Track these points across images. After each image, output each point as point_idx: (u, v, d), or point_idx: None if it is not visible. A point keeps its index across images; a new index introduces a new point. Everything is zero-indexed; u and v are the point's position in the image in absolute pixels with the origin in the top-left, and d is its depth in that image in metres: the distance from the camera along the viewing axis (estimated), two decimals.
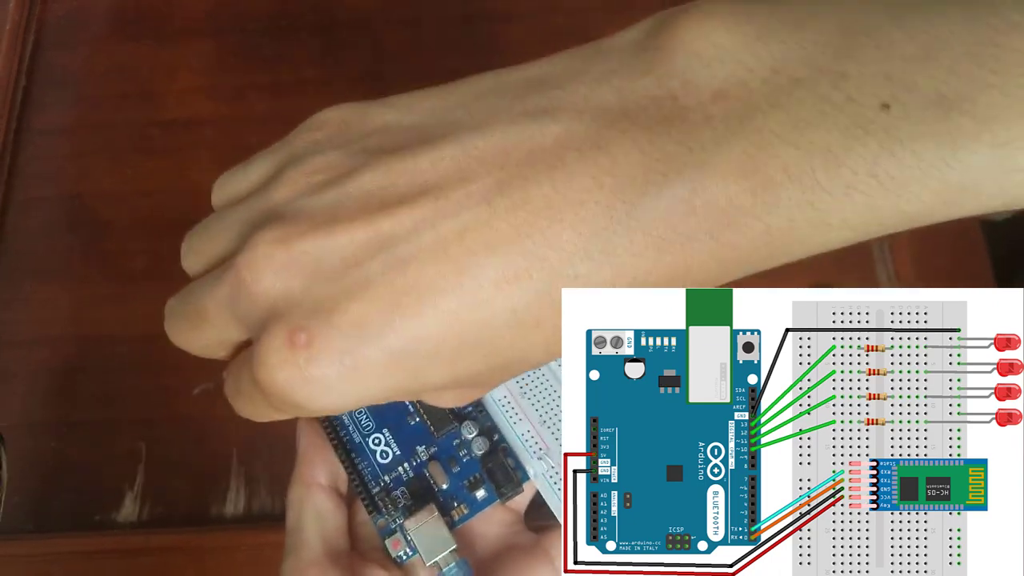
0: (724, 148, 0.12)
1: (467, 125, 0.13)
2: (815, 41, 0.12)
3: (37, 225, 0.33)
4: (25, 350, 0.31)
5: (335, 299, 0.13)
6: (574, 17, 0.35)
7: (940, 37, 0.12)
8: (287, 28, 0.35)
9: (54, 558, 0.28)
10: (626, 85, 0.13)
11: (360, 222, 0.13)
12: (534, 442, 0.19)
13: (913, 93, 0.11)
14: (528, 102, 0.13)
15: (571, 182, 0.12)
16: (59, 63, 0.35)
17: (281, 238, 0.13)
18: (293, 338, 0.13)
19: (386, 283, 0.13)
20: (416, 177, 0.13)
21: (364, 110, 0.15)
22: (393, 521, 0.19)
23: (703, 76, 0.12)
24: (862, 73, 0.12)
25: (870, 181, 0.12)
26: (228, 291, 0.14)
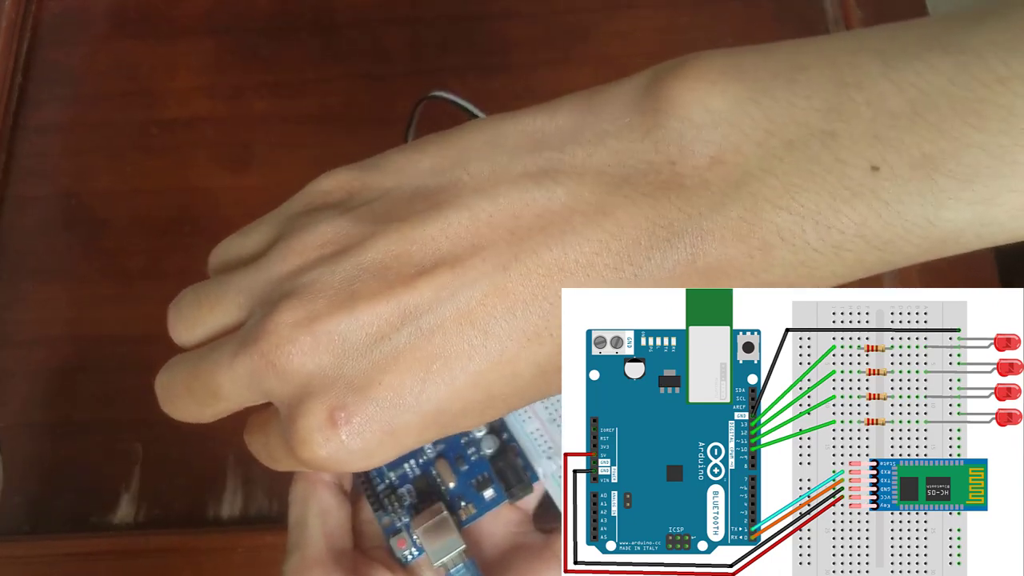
0: (721, 214, 0.13)
1: (471, 187, 0.14)
2: (807, 96, 0.13)
3: (34, 224, 0.33)
4: (22, 350, 0.31)
5: (367, 373, 0.13)
6: (574, 16, 0.35)
7: (927, 92, 0.12)
8: (287, 28, 0.35)
9: (51, 559, 0.28)
10: (623, 148, 0.13)
11: (381, 296, 0.13)
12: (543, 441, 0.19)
13: (900, 154, 0.12)
14: (528, 162, 0.14)
15: (581, 247, 0.13)
16: (56, 60, 0.35)
17: (304, 319, 0.14)
18: (333, 417, 0.13)
19: (415, 352, 0.13)
20: (428, 245, 0.14)
21: (362, 176, 0.15)
22: (398, 519, 0.19)
23: (698, 142, 0.13)
24: (852, 133, 0.12)
25: (857, 241, 0.12)
26: (250, 370, 0.14)
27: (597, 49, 0.34)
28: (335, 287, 0.14)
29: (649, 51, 0.34)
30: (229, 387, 0.14)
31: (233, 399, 0.15)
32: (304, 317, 0.13)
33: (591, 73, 0.34)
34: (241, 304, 0.15)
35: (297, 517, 0.19)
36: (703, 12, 0.35)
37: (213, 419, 0.16)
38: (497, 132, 0.14)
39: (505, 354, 0.13)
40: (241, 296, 0.15)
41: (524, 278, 0.13)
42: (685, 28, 0.35)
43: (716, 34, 0.35)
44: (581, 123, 0.14)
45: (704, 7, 0.35)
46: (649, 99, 0.13)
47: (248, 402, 0.15)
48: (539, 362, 0.13)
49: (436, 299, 0.13)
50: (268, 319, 0.14)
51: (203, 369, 0.15)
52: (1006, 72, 0.12)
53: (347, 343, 0.13)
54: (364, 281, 0.14)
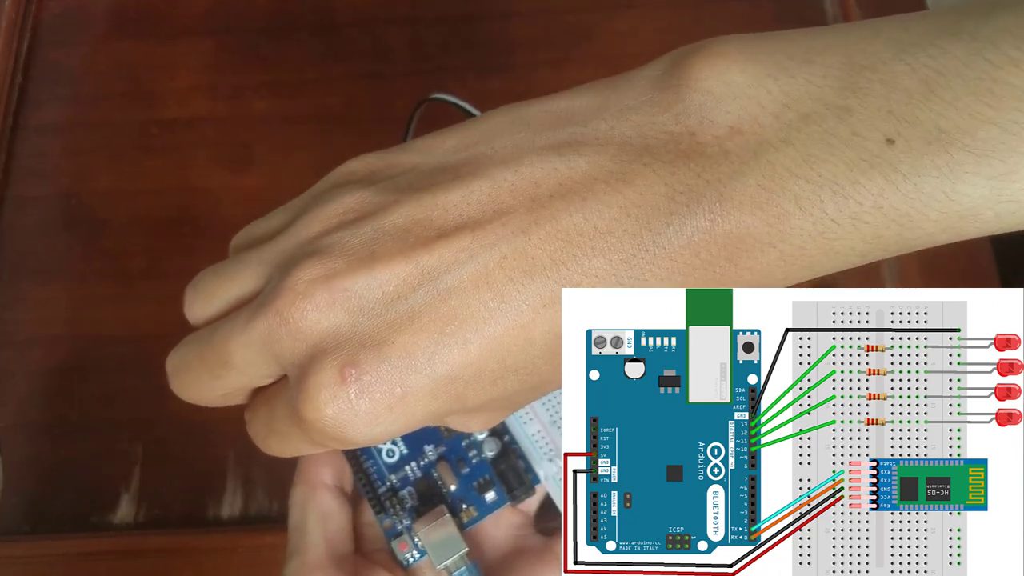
0: (740, 181, 0.13)
1: (494, 160, 0.14)
2: (823, 75, 0.13)
3: (34, 224, 0.33)
4: (22, 350, 0.31)
5: (382, 332, 0.13)
6: (574, 16, 0.35)
7: (941, 72, 0.12)
8: (287, 27, 0.35)
9: (51, 560, 0.28)
10: (645, 121, 0.14)
11: (400, 257, 0.13)
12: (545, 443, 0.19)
13: (915, 128, 0.12)
14: (551, 136, 0.14)
15: (601, 213, 0.13)
16: (56, 60, 0.35)
17: (322, 276, 0.13)
18: (344, 373, 0.13)
19: (431, 314, 0.13)
20: (449, 211, 0.14)
21: (386, 156, 0.15)
22: (400, 522, 0.19)
23: (718, 113, 0.13)
24: (866, 108, 0.12)
25: (875, 212, 0.12)
26: (263, 331, 0.14)
27: (598, 49, 0.34)
28: (354, 248, 0.14)
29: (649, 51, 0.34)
30: (241, 353, 0.14)
31: (245, 368, 0.14)
32: (322, 275, 0.13)
33: (591, 73, 0.34)
34: (260, 273, 0.15)
35: (297, 521, 0.19)
36: (704, 12, 0.35)
37: (221, 400, 0.15)
38: (521, 113, 0.15)
39: (520, 318, 0.13)
40: (261, 266, 0.15)
41: (543, 242, 0.13)
42: (686, 28, 0.35)
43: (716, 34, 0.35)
44: (604, 102, 0.14)
45: (705, 7, 0.35)
46: (670, 77, 0.14)
47: (258, 373, 0.14)
48: (554, 330, 0.13)
49: (454, 261, 0.13)
50: (285, 278, 0.14)
51: (217, 337, 0.14)
52: (1019, 55, 0.12)
53: (363, 301, 0.13)
54: (383, 243, 0.14)
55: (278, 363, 0.14)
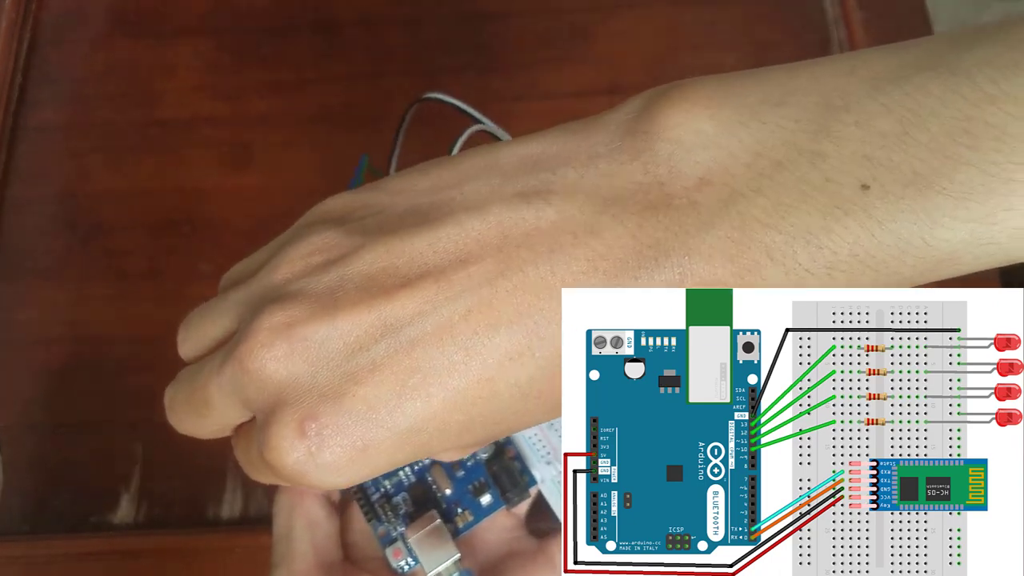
0: (709, 233, 0.13)
1: (462, 206, 0.14)
2: (796, 119, 0.13)
3: (34, 224, 0.33)
4: (21, 350, 0.31)
5: (342, 384, 0.13)
6: (574, 16, 0.35)
7: (917, 111, 0.12)
8: (287, 27, 0.35)
9: (50, 560, 0.28)
10: (614, 170, 0.13)
11: (362, 306, 0.13)
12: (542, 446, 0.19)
13: (891, 172, 0.12)
14: (520, 183, 0.14)
15: (568, 265, 0.13)
16: (56, 61, 0.35)
17: (282, 323, 0.13)
18: (303, 427, 0.13)
19: (392, 366, 0.13)
20: (415, 258, 0.14)
21: (361, 195, 0.15)
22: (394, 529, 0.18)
23: (687, 163, 0.13)
24: (841, 153, 0.12)
25: (851, 261, 0.12)
26: (230, 377, 0.14)
27: (597, 49, 0.34)
28: (317, 295, 0.14)
29: (649, 51, 0.34)
30: (217, 397, 0.14)
31: (221, 411, 0.14)
32: (282, 323, 0.13)
33: (591, 73, 0.34)
34: (235, 314, 0.15)
35: (282, 529, 0.18)
36: (703, 12, 0.35)
37: (212, 435, 0.16)
38: (495, 157, 0.15)
39: (485, 372, 0.13)
40: (236, 307, 0.15)
41: (509, 295, 0.13)
42: (685, 28, 0.35)
43: (716, 34, 0.35)
44: (575, 147, 0.14)
45: (704, 7, 0.35)
46: (640, 123, 0.13)
47: (235, 414, 0.15)
48: (519, 383, 0.13)
49: (418, 312, 0.13)
50: (248, 325, 0.14)
51: (198, 379, 0.15)
52: (996, 91, 0.11)
53: (323, 351, 0.13)
54: (347, 291, 0.13)
55: (247, 408, 0.14)
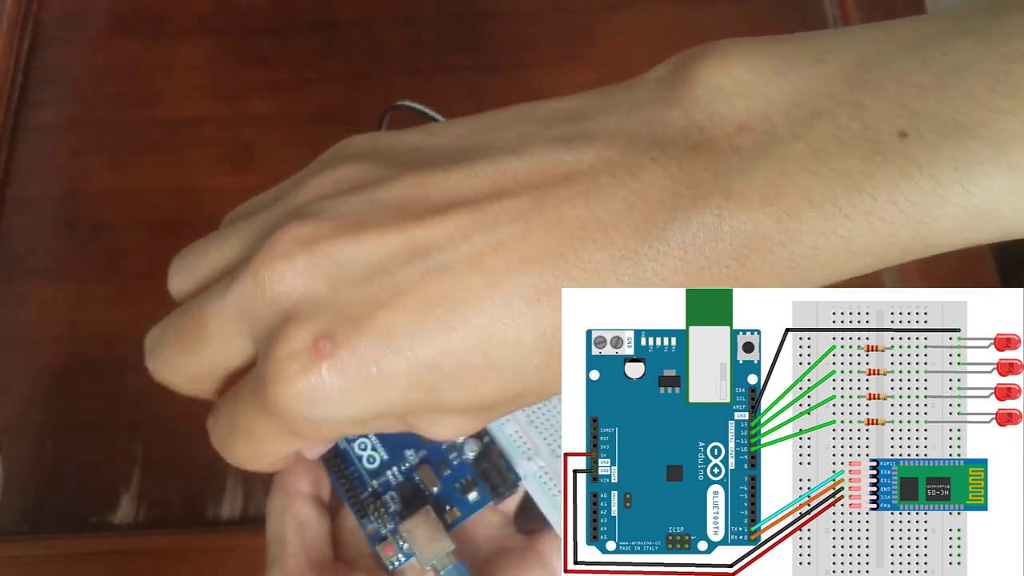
0: (748, 176, 0.12)
1: (500, 147, 0.14)
2: (834, 73, 0.13)
3: (34, 224, 0.33)
4: (21, 350, 0.31)
5: (363, 306, 0.12)
6: (574, 15, 0.35)
7: (954, 66, 0.12)
8: (287, 27, 0.35)
9: (50, 560, 0.28)
10: (654, 117, 0.13)
11: (391, 228, 0.13)
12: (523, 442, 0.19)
13: (930, 121, 0.12)
14: (560, 129, 0.14)
15: (605, 205, 0.13)
16: (56, 61, 0.35)
17: (305, 237, 0.13)
18: (318, 344, 0.12)
19: (417, 292, 0.12)
20: (449, 190, 0.13)
21: (391, 136, 0.15)
22: (383, 526, 0.19)
23: (727, 109, 0.13)
24: (879, 103, 0.12)
25: (891, 207, 0.12)
26: (239, 295, 0.13)
27: (598, 48, 0.34)
28: (344, 214, 0.13)
29: (649, 50, 0.34)
30: (217, 322, 0.13)
31: (220, 339, 0.13)
32: (305, 237, 0.13)
33: (591, 73, 0.34)
34: (244, 241, 0.14)
35: (275, 531, 0.18)
36: (704, 11, 0.35)
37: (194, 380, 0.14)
38: (533, 108, 0.14)
39: (511, 310, 0.12)
40: (246, 233, 0.14)
41: (544, 232, 0.13)
42: (686, 27, 0.35)
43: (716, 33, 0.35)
44: (616, 100, 0.14)
45: (705, 7, 0.35)
46: (680, 74, 0.13)
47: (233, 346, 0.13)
48: (544, 330, 0.13)
49: (449, 239, 0.13)
50: (266, 239, 0.13)
51: (194, 306, 0.14)
52: None
53: (346, 269, 0.13)
54: (376, 213, 0.13)
55: (251, 334, 0.13)
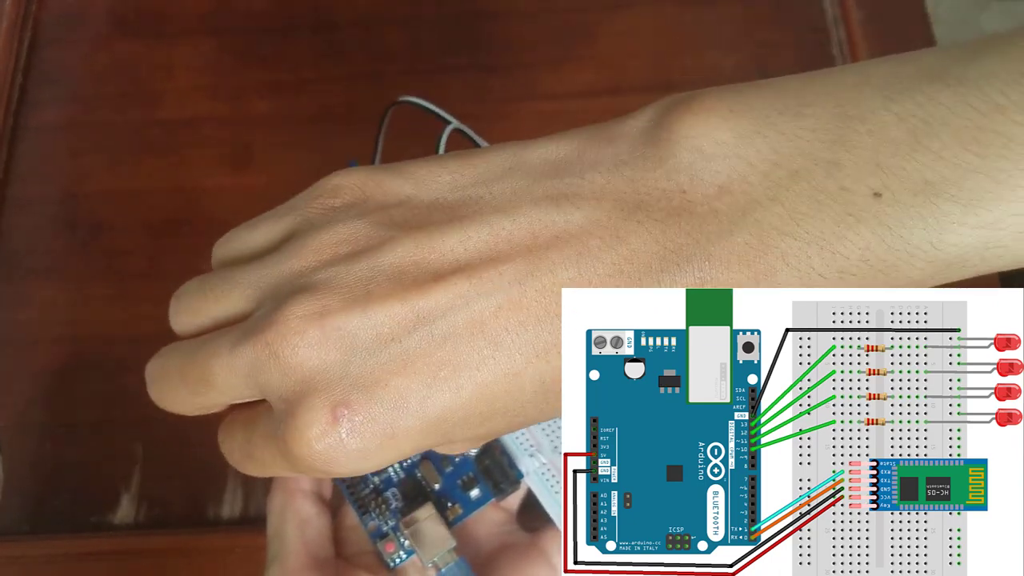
0: (728, 240, 0.13)
1: (491, 205, 0.14)
2: (813, 128, 0.13)
3: (34, 224, 0.33)
4: (21, 350, 0.31)
5: (375, 373, 0.13)
6: (574, 15, 0.35)
7: (928, 120, 0.12)
8: (287, 27, 0.35)
9: (50, 560, 0.28)
10: (639, 176, 0.14)
11: (395, 298, 0.14)
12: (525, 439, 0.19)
13: (902, 180, 0.12)
14: (548, 186, 0.14)
15: (595, 268, 0.13)
16: (56, 61, 0.35)
17: (315, 313, 0.13)
18: (336, 412, 0.13)
19: (425, 358, 0.13)
20: (446, 254, 0.14)
21: (380, 180, 0.15)
22: (385, 523, 0.19)
23: (707, 172, 0.13)
24: (855, 161, 0.13)
25: (862, 266, 0.13)
26: (250, 359, 0.14)
27: (598, 49, 0.34)
28: (350, 285, 0.14)
29: (649, 51, 0.34)
30: (224, 376, 0.14)
31: (226, 391, 0.14)
32: (315, 311, 0.13)
33: (591, 73, 0.34)
34: (250, 296, 0.15)
35: (275, 528, 0.18)
36: (704, 12, 0.35)
37: (197, 412, 0.15)
38: (518, 157, 0.15)
39: (513, 367, 0.13)
40: (250, 289, 0.15)
41: (539, 294, 0.13)
42: (686, 28, 0.35)
43: (717, 34, 0.35)
44: (600, 152, 0.14)
45: (705, 7, 0.35)
46: (662, 131, 0.14)
47: (240, 396, 0.14)
48: (543, 379, 0.14)
49: (450, 306, 0.13)
50: (278, 311, 0.14)
51: (201, 355, 0.14)
52: (1005, 101, 0.12)
53: (357, 341, 0.13)
54: (379, 283, 0.14)
55: (262, 392, 0.14)
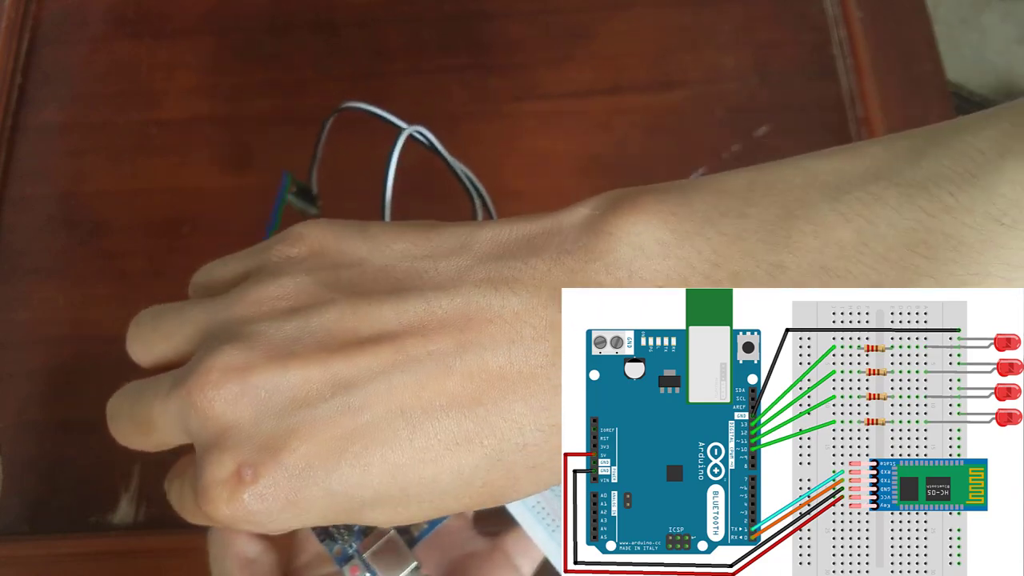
0: None
1: (434, 281, 0.14)
2: (755, 230, 0.13)
3: (33, 224, 0.33)
4: (21, 350, 0.31)
5: (283, 437, 0.13)
6: (574, 15, 0.35)
7: (875, 221, 0.12)
8: (287, 27, 0.35)
9: (50, 560, 0.28)
10: (578, 267, 0.14)
11: (316, 361, 0.13)
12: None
13: (848, 284, 0.12)
14: (492, 268, 0.14)
15: (526, 358, 0.13)
16: (56, 60, 0.35)
17: (236, 366, 0.13)
18: (240, 473, 0.13)
19: (335, 428, 0.13)
20: (376, 323, 0.14)
21: (340, 236, 0.15)
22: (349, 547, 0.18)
23: (647, 270, 0.13)
24: (799, 264, 0.12)
25: None
26: (177, 408, 0.14)
27: (597, 49, 0.34)
28: (277, 343, 0.14)
29: (650, 51, 0.34)
30: (161, 421, 0.14)
31: (165, 434, 0.15)
32: (238, 365, 0.13)
33: (591, 73, 0.34)
34: (190, 338, 0.15)
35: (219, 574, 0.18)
36: (703, 12, 0.35)
37: (154, 450, 0.16)
38: (470, 236, 0.15)
39: (428, 453, 0.13)
40: (193, 331, 0.15)
41: (465, 379, 0.13)
42: (686, 28, 0.35)
43: (716, 34, 0.35)
44: (545, 240, 0.14)
45: (704, 7, 0.35)
46: (605, 225, 0.14)
47: (177, 440, 0.15)
48: (462, 471, 0.13)
49: (370, 376, 0.13)
50: (204, 360, 0.14)
51: (143, 399, 0.15)
52: (952, 202, 0.12)
53: (271, 401, 0.13)
54: (306, 344, 0.14)
55: (189, 438, 0.14)
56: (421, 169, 0.21)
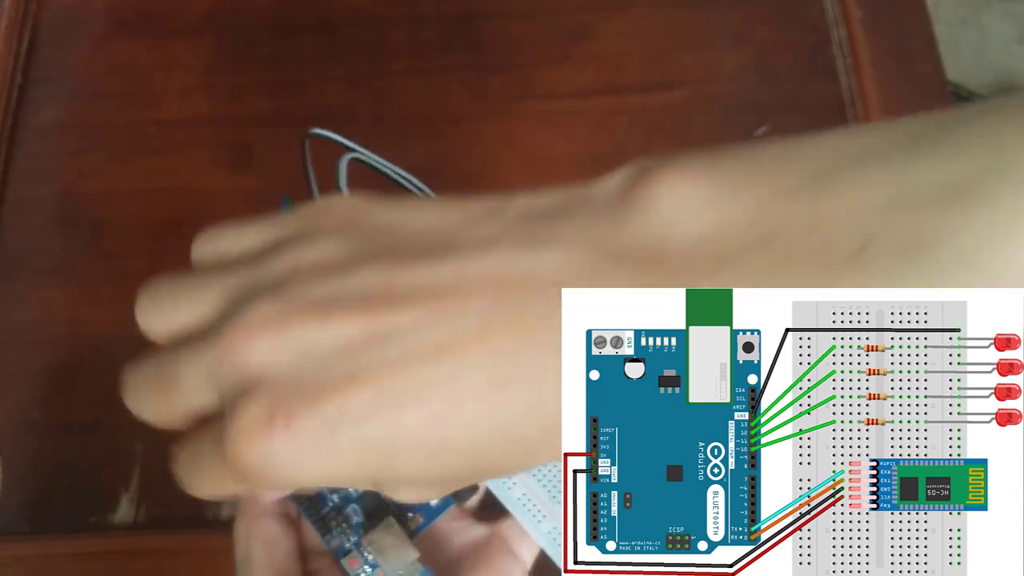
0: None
1: (468, 244, 0.14)
2: (789, 188, 0.13)
3: (33, 224, 0.33)
4: (20, 350, 0.31)
5: (320, 386, 0.13)
6: (574, 15, 0.35)
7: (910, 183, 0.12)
8: (287, 27, 0.35)
9: (50, 560, 0.28)
10: (616, 222, 0.14)
11: (354, 315, 0.13)
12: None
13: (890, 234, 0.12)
14: (526, 229, 0.14)
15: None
16: (56, 60, 0.35)
17: (277, 314, 0.13)
18: (273, 415, 0.13)
19: (373, 377, 0.13)
20: (414, 283, 0.14)
21: (371, 207, 0.15)
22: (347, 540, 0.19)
23: (682, 229, 0.13)
24: (836, 219, 0.12)
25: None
26: (211, 359, 0.14)
27: (597, 49, 0.34)
28: (314, 298, 0.14)
29: (650, 51, 0.34)
30: (190, 379, 0.14)
31: (190, 394, 0.14)
32: (275, 316, 0.13)
33: (591, 73, 0.34)
34: (217, 303, 0.15)
35: (243, 553, 0.18)
36: (703, 12, 0.35)
37: (170, 421, 0.15)
38: (504, 203, 0.15)
39: (467, 400, 0.13)
40: (221, 294, 0.15)
41: (503, 329, 0.13)
42: (686, 28, 0.35)
43: (716, 34, 0.35)
44: (578, 203, 0.14)
45: (704, 7, 0.35)
46: (639, 187, 0.14)
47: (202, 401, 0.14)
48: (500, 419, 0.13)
49: (408, 329, 0.13)
50: (240, 312, 0.14)
51: (170, 359, 0.15)
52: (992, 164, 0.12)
53: (309, 350, 0.13)
54: (343, 300, 0.14)
55: (219, 393, 0.14)
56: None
